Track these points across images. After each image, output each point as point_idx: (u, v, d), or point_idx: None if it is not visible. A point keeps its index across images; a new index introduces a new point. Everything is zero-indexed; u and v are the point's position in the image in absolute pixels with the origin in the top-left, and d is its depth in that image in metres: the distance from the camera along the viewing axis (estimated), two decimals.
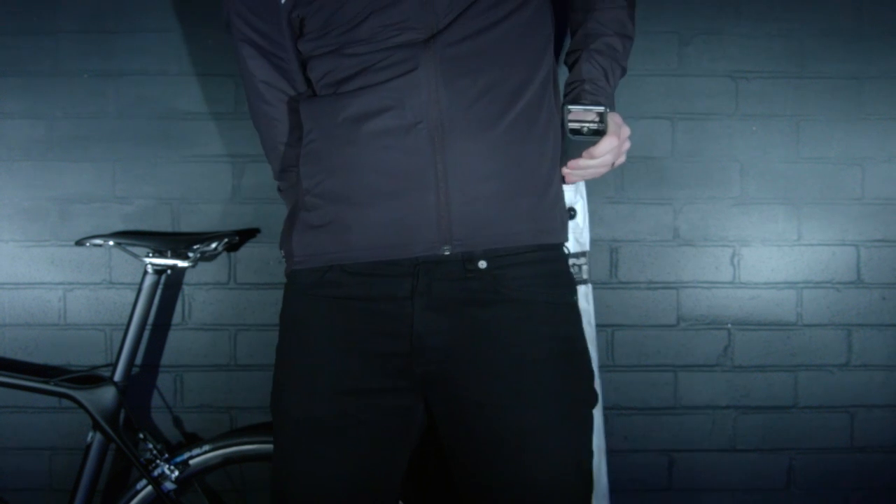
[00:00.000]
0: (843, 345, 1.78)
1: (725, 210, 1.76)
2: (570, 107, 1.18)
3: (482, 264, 1.15)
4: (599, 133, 1.17)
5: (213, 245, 1.65)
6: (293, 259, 1.24)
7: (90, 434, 1.60)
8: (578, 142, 1.17)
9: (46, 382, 1.60)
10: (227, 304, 1.75)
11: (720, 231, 1.76)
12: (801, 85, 1.75)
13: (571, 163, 1.22)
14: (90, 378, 1.64)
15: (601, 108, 1.18)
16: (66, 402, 1.67)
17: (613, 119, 1.20)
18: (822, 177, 1.76)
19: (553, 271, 1.22)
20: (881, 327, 1.78)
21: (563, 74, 1.34)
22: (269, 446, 1.63)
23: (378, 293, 1.16)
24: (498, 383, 1.15)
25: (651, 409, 1.78)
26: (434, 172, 1.13)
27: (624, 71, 1.34)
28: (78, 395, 1.58)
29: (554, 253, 1.23)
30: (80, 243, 1.64)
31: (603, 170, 1.24)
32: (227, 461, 1.65)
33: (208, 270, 1.74)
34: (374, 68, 1.15)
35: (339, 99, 1.18)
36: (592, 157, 1.20)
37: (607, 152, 1.20)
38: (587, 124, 1.17)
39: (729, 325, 1.77)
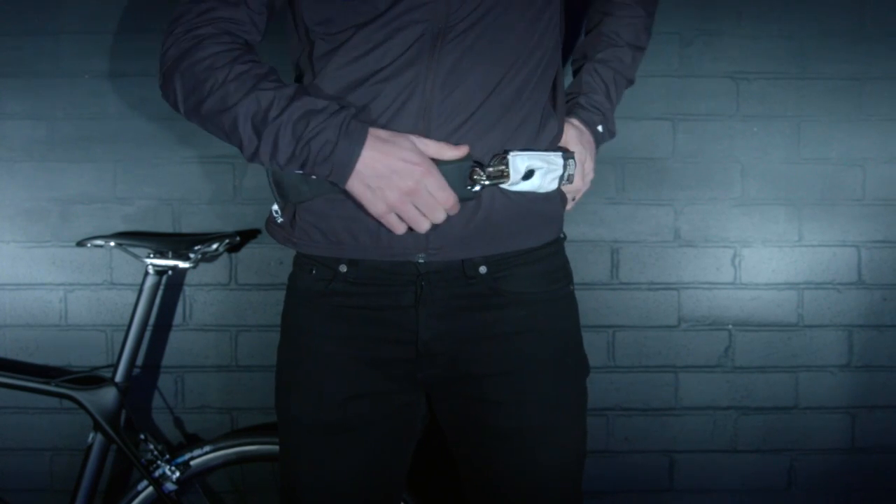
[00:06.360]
0: (844, 346, 1.78)
1: (726, 211, 1.76)
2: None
3: (482, 269, 1.16)
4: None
5: (214, 246, 1.65)
6: (295, 239, 1.18)
7: (91, 435, 1.60)
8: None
9: (47, 383, 1.60)
10: (228, 305, 1.75)
11: (721, 232, 1.76)
12: (802, 86, 1.74)
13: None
14: (91, 379, 1.64)
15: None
16: (67, 403, 1.67)
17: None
18: (823, 178, 1.75)
19: (551, 267, 1.22)
20: (882, 328, 1.77)
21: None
22: (271, 447, 1.64)
23: (383, 303, 1.16)
24: (504, 382, 1.17)
25: (652, 410, 1.78)
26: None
27: (630, 82, 1.32)
28: (79, 395, 1.58)
29: (551, 248, 1.22)
30: (81, 244, 1.64)
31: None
32: (229, 462, 1.65)
33: (209, 271, 1.74)
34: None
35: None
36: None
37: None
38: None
39: (730, 326, 1.77)
